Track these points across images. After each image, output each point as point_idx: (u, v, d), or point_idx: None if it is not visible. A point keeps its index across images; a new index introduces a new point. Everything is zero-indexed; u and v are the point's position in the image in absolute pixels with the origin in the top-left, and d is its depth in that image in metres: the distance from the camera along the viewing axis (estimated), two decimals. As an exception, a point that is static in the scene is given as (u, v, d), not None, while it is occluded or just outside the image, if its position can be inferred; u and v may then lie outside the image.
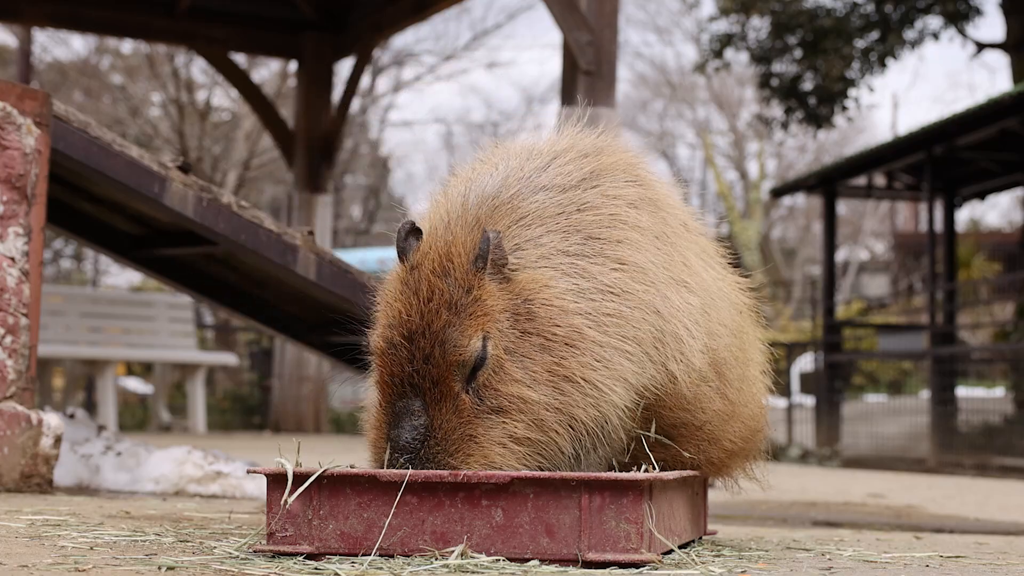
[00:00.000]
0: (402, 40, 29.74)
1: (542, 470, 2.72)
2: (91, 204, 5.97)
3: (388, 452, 2.69)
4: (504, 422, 2.69)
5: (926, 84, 54.74)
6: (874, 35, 17.01)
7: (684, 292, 2.98)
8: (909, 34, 16.93)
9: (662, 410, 2.96)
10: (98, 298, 15.09)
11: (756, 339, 3.39)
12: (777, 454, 13.71)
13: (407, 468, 2.65)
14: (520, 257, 2.80)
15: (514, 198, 2.88)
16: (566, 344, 2.73)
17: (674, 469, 3.05)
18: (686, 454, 3.05)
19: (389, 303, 2.78)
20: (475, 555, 2.58)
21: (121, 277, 27.80)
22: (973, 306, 19.35)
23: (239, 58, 19.39)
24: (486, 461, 2.67)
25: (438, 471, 2.63)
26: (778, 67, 17.36)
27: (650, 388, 2.88)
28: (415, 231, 2.84)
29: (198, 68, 24.04)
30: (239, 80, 15.09)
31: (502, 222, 2.84)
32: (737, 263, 3.43)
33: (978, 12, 16.72)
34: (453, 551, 2.58)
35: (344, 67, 15.54)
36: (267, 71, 25.99)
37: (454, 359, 2.67)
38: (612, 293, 2.82)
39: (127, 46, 25.77)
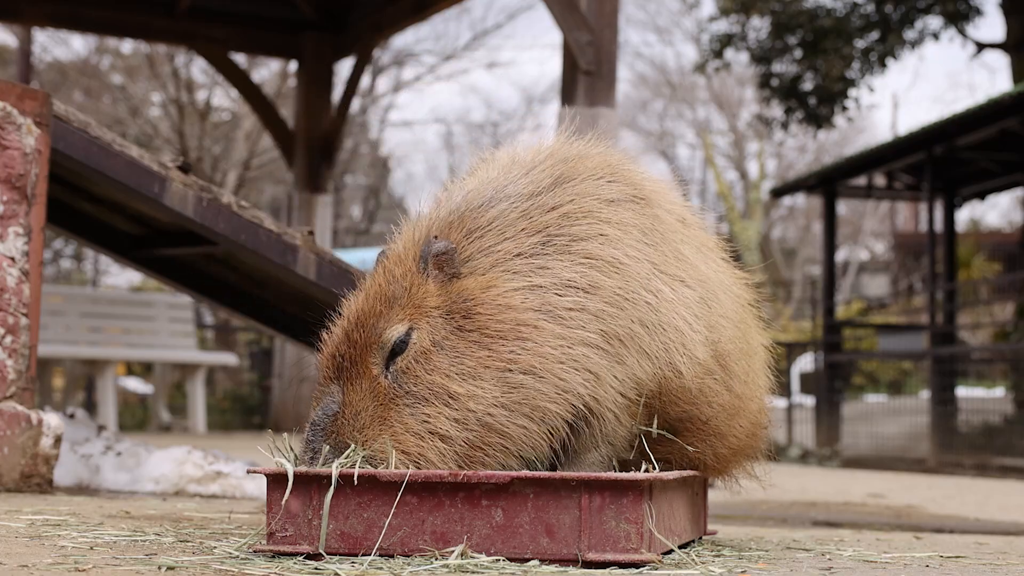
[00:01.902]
0: (402, 40, 29.77)
1: (515, 468, 2.73)
2: (91, 204, 5.97)
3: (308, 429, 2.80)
4: (426, 414, 2.72)
5: (926, 84, 54.79)
6: (874, 35, 17.01)
7: (678, 285, 2.98)
8: (909, 34, 16.93)
9: (667, 405, 2.95)
10: (98, 298, 15.08)
11: (759, 333, 3.38)
12: (777, 454, 13.70)
13: (315, 443, 2.73)
14: (471, 268, 2.86)
15: (475, 211, 2.93)
16: (515, 339, 2.75)
17: (681, 465, 3.05)
18: (693, 449, 3.05)
19: (346, 305, 2.95)
20: (475, 555, 2.58)
21: (121, 277, 27.79)
22: (973, 306, 19.34)
23: (239, 58, 19.39)
24: (398, 446, 2.70)
25: (438, 471, 2.63)
26: (778, 67, 17.36)
27: (645, 383, 2.88)
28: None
29: (198, 68, 24.05)
30: (239, 80, 15.09)
31: (454, 235, 2.90)
32: (737, 260, 3.42)
33: (978, 12, 16.72)
34: (453, 551, 2.58)
35: (344, 67, 15.54)
36: (267, 71, 25.98)
37: (372, 341, 2.78)
38: (575, 288, 2.83)
39: (127, 46, 25.78)
